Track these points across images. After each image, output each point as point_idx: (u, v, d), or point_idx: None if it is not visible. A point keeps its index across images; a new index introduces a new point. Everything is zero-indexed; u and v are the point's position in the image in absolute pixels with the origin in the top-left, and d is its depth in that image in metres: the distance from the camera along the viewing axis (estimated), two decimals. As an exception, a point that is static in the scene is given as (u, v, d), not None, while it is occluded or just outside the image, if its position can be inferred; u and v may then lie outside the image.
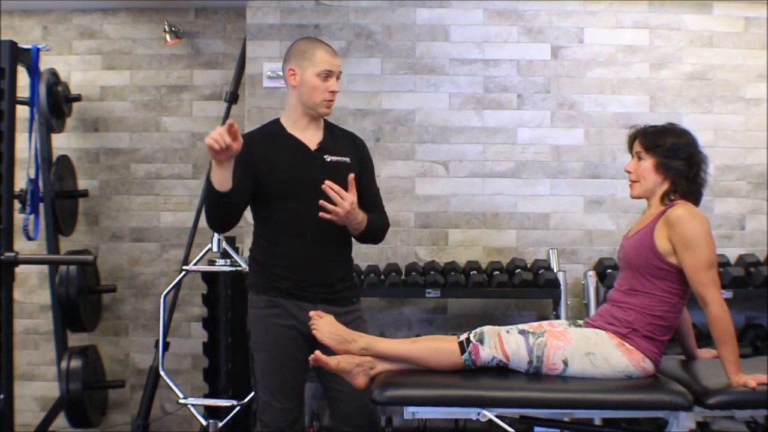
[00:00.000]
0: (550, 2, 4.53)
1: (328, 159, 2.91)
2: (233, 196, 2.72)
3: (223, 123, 4.50)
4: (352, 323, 2.85)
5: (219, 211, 2.80)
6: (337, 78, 2.93)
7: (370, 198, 2.98)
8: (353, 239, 2.98)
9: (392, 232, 4.42)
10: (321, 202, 2.73)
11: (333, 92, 2.91)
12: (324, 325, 2.67)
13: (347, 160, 2.93)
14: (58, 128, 4.67)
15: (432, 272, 4.22)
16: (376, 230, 2.97)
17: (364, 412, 2.93)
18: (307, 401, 4.40)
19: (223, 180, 2.68)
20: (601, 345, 2.59)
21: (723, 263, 4.24)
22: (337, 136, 3.00)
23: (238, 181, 2.72)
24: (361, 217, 2.84)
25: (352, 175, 2.79)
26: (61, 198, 4.53)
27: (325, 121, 3.02)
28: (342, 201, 2.73)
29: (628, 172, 2.76)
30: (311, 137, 2.94)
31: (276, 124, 3.00)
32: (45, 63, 4.49)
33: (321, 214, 2.74)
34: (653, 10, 4.56)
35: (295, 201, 2.84)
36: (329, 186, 2.72)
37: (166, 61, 4.91)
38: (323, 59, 2.89)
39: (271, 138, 2.93)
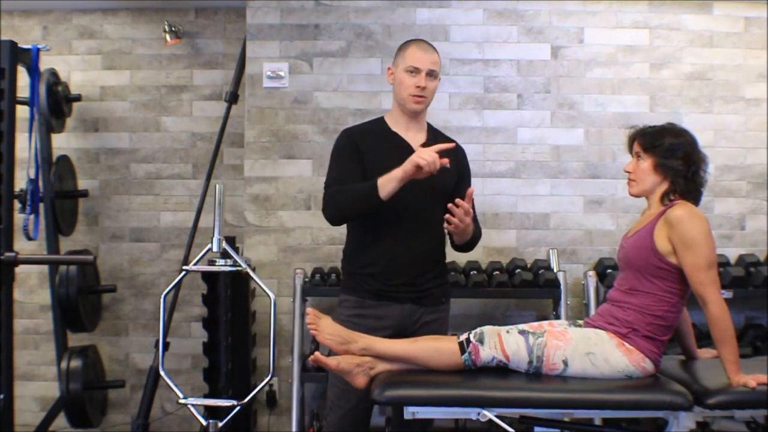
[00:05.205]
0: (550, 2, 4.53)
1: None
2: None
3: (224, 123, 4.58)
4: (433, 323, 2.89)
5: (363, 212, 2.84)
6: (433, 76, 2.93)
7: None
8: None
9: (392, 232, 4.44)
10: (447, 216, 2.76)
11: (419, 87, 2.90)
12: (323, 326, 2.66)
13: (447, 165, 2.89)
14: (58, 128, 4.66)
15: (432, 272, 4.21)
16: (474, 240, 2.99)
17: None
18: (307, 401, 4.41)
19: (393, 191, 2.73)
20: (601, 345, 2.59)
21: (723, 263, 4.24)
22: (439, 140, 2.96)
23: (358, 174, 2.83)
24: (471, 228, 2.87)
25: (471, 189, 2.81)
26: (61, 198, 4.52)
27: (429, 125, 3.04)
28: (465, 218, 2.76)
29: (628, 172, 2.77)
30: (414, 137, 2.97)
31: (380, 121, 3.03)
32: (45, 63, 4.49)
33: (446, 225, 2.79)
34: (653, 10, 4.56)
35: (394, 199, 2.78)
36: (459, 204, 2.73)
37: (166, 61, 4.91)
38: (412, 55, 2.93)
39: (375, 134, 2.96)
